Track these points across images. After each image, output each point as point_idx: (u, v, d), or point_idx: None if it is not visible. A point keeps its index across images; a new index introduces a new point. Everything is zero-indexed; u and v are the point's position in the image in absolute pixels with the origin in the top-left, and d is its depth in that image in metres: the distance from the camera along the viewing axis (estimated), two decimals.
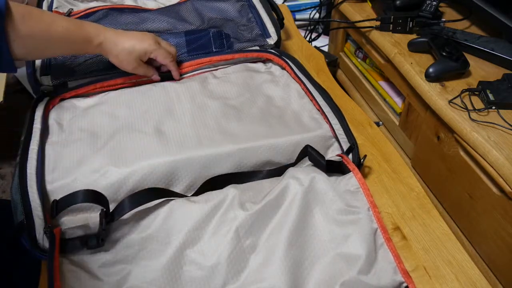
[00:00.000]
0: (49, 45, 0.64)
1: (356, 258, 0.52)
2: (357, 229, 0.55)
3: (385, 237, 0.55)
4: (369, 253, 0.53)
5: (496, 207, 0.75)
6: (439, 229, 0.60)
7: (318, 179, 0.58)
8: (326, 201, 0.57)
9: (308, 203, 0.56)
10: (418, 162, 0.99)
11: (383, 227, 0.55)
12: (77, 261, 0.51)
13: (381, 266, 0.53)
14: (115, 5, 0.95)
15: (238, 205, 0.55)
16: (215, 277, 0.50)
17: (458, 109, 0.82)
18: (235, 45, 0.85)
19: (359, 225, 0.55)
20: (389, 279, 0.52)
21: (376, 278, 0.51)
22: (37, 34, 0.61)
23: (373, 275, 0.52)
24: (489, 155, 0.73)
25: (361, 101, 1.24)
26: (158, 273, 0.50)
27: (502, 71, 0.90)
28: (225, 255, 0.52)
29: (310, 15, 1.42)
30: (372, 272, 0.52)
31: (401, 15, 1.03)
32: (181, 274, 0.51)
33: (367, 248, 0.53)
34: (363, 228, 0.55)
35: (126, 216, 0.54)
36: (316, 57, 0.96)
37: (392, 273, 0.52)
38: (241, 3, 0.94)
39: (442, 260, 0.57)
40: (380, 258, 0.53)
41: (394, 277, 0.52)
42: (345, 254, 0.53)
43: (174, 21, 0.90)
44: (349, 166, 0.60)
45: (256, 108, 0.71)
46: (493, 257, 0.79)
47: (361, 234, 0.54)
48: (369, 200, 0.57)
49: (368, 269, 0.52)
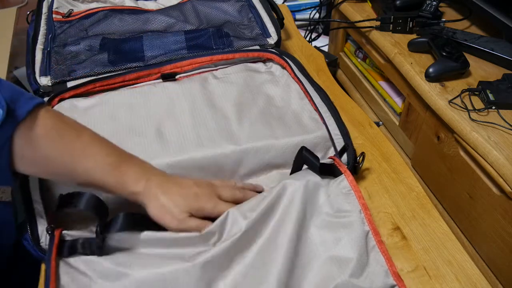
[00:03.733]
0: (67, 174, 0.51)
1: (348, 261, 0.52)
2: (348, 232, 0.54)
3: (377, 240, 0.54)
4: (361, 256, 0.52)
5: (496, 207, 0.75)
6: (439, 229, 0.60)
7: (312, 182, 0.58)
8: (318, 204, 0.57)
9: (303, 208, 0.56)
10: (418, 162, 0.99)
11: (375, 229, 0.55)
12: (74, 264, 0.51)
13: (373, 269, 0.52)
14: (115, 6, 0.95)
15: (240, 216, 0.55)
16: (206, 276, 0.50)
17: (458, 109, 0.82)
18: (235, 43, 0.85)
19: (351, 228, 0.55)
20: (381, 282, 0.52)
21: (368, 281, 0.51)
22: (58, 160, 0.49)
23: (365, 278, 0.52)
24: (489, 155, 0.73)
25: (361, 101, 1.24)
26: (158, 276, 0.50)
27: (502, 71, 0.90)
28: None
29: (310, 15, 1.42)
30: (364, 275, 0.52)
31: (401, 15, 1.03)
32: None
33: (359, 251, 0.53)
34: (354, 231, 0.54)
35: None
36: (316, 57, 0.96)
37: (384, 276, 0.52)
38: (241, 3, 0.95)
39: (442, 260, 0.57)
40: (372, 261, 0.53)
41: (386, 280, 0.52)
42: (336, 258, 0.53)
43: (175, 21, 0.90)
44: (340, 168, 0.60)
45: (256, 108, 0.71)
46: (493, 257, 0.79)
47: (352, 237, 0.54)
48: (361, 202, 0.57)
49: (360, 272, 0.52)
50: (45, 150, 0.48)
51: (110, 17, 0.89)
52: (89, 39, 0.84)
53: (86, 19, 0.89)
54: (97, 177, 0.51)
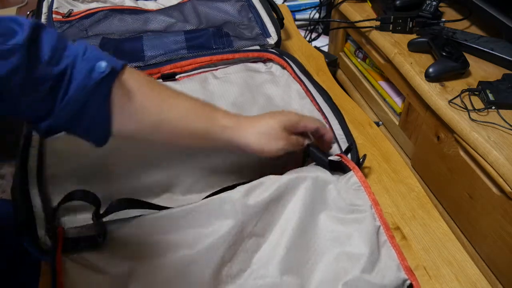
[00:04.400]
0: (159, 125, 0.51)
1: (359, 257, 0.52)
2: (359, 228, 0.54)
3: (388, 235, 0.54)
4: (372, 252, 0.52)
5: (496, 207, 0.75)
6: (439, 229, 0.60)
7: (322, 177, 0.58)
8: (329, 199, 0.57)
9: (312, 202, 0.56)
10: (418, 162, 0.99)
11: (386, 224, 0.55)
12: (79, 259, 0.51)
13: (385, 264, 0.52)
14: (115, 6, 0.95)
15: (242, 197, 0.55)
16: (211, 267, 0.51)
17: (458, 109, 0.82)
18: (235, 43, 0.85)
19: (362, 224, 0.55)
20: (392, 277, 0.51)
21: (379, 276, 0.51)
22: (152, 111, 0.50)
23: (376, 273, 0.51)
24: (489, 155, 0.73)
25: (361, 101, 1.24)
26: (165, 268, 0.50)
27: (502, 71, 0.90)
28: (223, 249, 0.52)
29: (310, 15, 1.42)
30: (375, 270, 0.52)
31: (401, 15, 1.03)
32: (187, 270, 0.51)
33: (370, 246, 0.53)
34: (366, 226, 0.54)
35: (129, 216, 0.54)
36: (316, 57, 0.96)
37: (395, 270, 0.52)
38: (241, 3, 0.95)
39: (442, 260, 0.57)
40: (383, 256, 0.53)
41: (397, 274, 0.52)
42: (348, 253, 0.53)
43: (175, 21, 0.90)
44: (349, 164, 0.60)
45: (256, 108, 0.71)
46: (493, 257, 0.79)
47: (363, 233, 0.54)
48: (371, 198, 0.57)
49: (371, 268, 0.52)
50: (140, 101, 0.49)
51: (110, 17, 0.89)
52: (89, 39, 0.84)
53: (86, 19, 0.89)
54: (190, 120, 0.52)
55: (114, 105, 0.47)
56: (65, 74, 0.44)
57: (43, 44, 0.44)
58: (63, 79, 0.44)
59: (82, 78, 0.45)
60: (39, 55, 0.43)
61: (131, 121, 0.50)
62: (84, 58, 0.45)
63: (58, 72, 0.44)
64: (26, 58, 0.42)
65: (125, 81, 0.48)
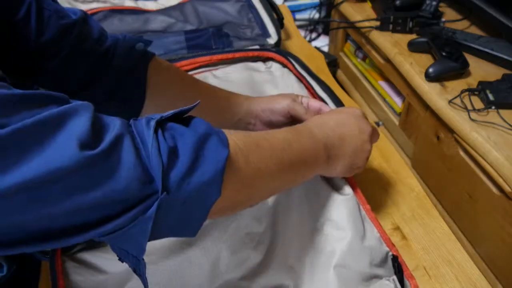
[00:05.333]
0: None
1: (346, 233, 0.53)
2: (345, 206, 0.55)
3: (366, 209, 0.56)
4: (356, 226, 0.53)
5: (496, 207, 0.75)
6: (439, 229, 0.60)
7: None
8: (316, 186, 0.58)
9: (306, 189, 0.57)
10: (418, 162, 0.99)
11: (364, 201, 0.56)
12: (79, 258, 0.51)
13: (369, 237, 0.53)
14: (115, 7, 0.95)
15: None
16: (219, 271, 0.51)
17: (458, 109, 0.82)
18: (235, 43, 0.86)
19: (347, 202, 0.55)
20: (377, 251, 0.52)
21: (367, 248, 0.52)
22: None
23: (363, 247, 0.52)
24: (489, 155, 0.73)
25: (361, 101, 1.24)
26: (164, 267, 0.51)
27: (502, 71, 0.90)
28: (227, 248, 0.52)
29: (310, 15, 1.42)
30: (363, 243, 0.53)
31: (401, 15, 1.03)
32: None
33: (353, 221, 0.53)
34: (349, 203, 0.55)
35: None
36: (316, 57, 0.96)
37: (378, 244, 0.53)
38: (241, 3, 0.95)
39: (442, 260, 0.57)
40: (368, 231, 0.54)
41: (381, 247, 0.53)
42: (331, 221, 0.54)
43: (175, 21, 0.90)
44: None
45: None
46: (493, 257, 0.79)
47: (347, 209, 0.55)
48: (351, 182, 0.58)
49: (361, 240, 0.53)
50: (169, 80, 0.59)
51: (110, 17, 0.89)
52: None
53: None
54: (217, 89, 0.63)
55: (149, 76, 0.55)
56: (109, 52, 0.53)
57: (92, 26, 0.53)
58: (107, 56, 0.53)
59: (125, 54, 0.54)
60: (90, 32, 0.52)
61: (163, 96, 0.58)
62: (125, 40, 0.55)
63: (104, 49, 0.53)
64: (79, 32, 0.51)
65: (158, 63, 0.58)
